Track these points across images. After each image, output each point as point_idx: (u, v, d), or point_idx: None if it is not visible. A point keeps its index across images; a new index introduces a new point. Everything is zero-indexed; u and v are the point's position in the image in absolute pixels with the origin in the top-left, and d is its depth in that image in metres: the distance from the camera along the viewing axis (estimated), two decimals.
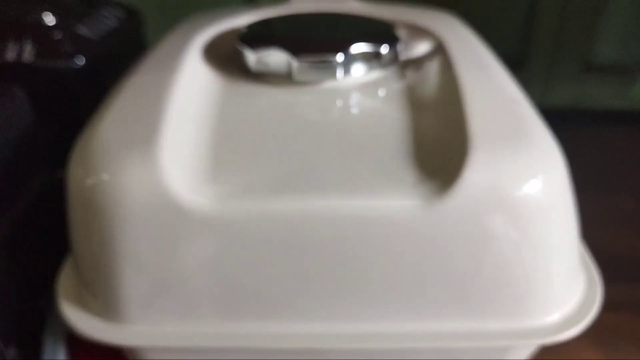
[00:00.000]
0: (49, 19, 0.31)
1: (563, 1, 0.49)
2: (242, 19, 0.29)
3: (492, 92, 0.22)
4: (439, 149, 0.20)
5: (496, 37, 0.51)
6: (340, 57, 0.23)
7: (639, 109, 0.55)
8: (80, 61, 0.30)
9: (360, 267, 0.19)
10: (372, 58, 0.24)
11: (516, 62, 0.53)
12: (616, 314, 0.34)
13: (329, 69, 0.23)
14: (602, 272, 0.23)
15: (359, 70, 0.24)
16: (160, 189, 0.18)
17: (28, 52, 0.29)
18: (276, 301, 0.20)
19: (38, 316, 0.26)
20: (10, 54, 0.29)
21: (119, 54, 0.34)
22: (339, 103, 0.24)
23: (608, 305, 0.33)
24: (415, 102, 0.23)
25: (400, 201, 0.18)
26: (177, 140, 0.20)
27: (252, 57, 0.24)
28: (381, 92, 0.25)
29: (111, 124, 0.21)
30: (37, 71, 0.29)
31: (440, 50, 0.26)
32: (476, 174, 0.18)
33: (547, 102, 0.55)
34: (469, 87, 0.22)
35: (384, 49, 0.24)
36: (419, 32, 0.28)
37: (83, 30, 0.32)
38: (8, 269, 0.24)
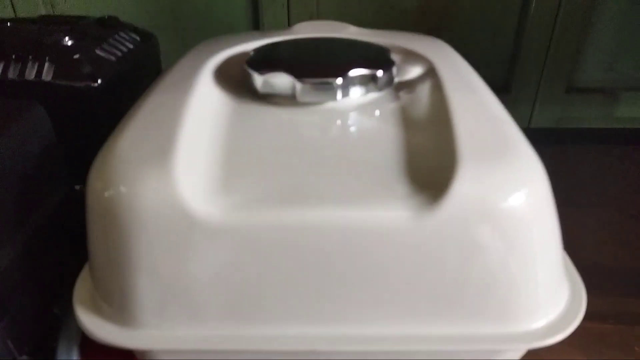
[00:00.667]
0: (68, 41, 0.33)
1: (549, 28, 0.51)
2: (250, 44, 0.31)
3: (478, 111, 0.24)
4: (429, 164, 0.22)
5: (485, 61, 0.53)
6: (339, 80, 0.25)
7: (621, 129, 0.57)
8: (97, 81, 0.32)
9: (357, 273, 0.21)
10: (369, 81, 0.26)
11: (504, 85, 0.55)
12: (603, 325, 0.35)
13: (330, 90, 0.25)
14: (589, 284, 0.24)
15: (357, 92, 0.26)
16: (174, 200, 0.20)
17: (47, 72, 0.31)
18: (280, 306, 0.21)
19: (52, 323, 0.28)
20: (31, 74, 0.31)
21: (135, 74, 0.35)
22: (339, 122, 0.26)
23: (595, 316, 0.34)
24: (408, 121, 0.25)
25: (393, 212, 0.20)
26: (190, 155, 0.22)
27: (258, 80, 0.26)
28: (377, 112, 0.26)
29: (129, 140, 0.22)
30: (56, 90, 0.31)
31: (431, 73, 0.28)
32: (464, 187, 0.20)
33: (534, 122, 0.56)
34: (457, 107, 0.24)
35: (380, 73, 0.26)
36: (412, 56, 0.30)
37: (100, 52, 0.33)
38: (25, 277, 0.25)
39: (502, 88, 0.55)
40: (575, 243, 0.25)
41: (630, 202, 0.47)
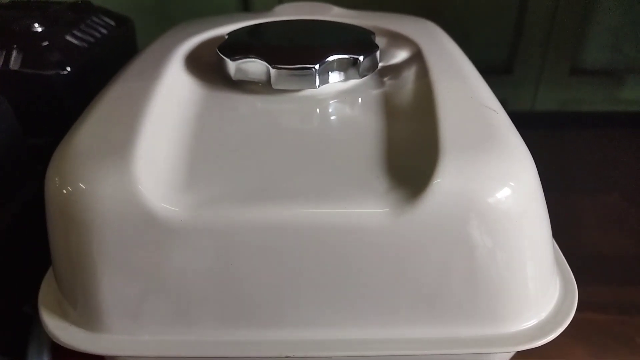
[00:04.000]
0: (38, 27, 0.31)
1: (552, 7, 0.49)
2: (227, 27, 0.29)
3: (465, 99, 0.22)
4: (411, 156, 0.20)
5: (486, 42, 0.51)
6: (317, 66, 0.23)
7: (626, 112, 0.55)
8: (66, 69, 0.30)
9: (333, 274, 0.20)
10: (350, 66, 0.24)
11: (506, 66, 0.53)
12: (605, 315, 0.34)
13: (307, 77, 0.23)
14: (590, 273, 0.23)
15: (336, 78, 0.24)
16: (134, 198, 0.19)
17: (15, 60, 0.30)
18: (250, 309, 0.20)
19: (23, 322, 0.27)
20: None
21: (109, 61, 0.34)
22: (317, 111, 0.24)
23: (597, 306, 0.33)
24: (391, 109, 0.24)
25: (371, 209, 0.19)
26: (154, 149, 0.20)
27: (231, 66, 0.24)
28: (358, 100, 0.25)
29: (88, 133, 0.21)
30: (24, 79, 0.30)
31: (417, 57, 0.26)
32: (446, 180, 0.18)
33: (537, 105, 0.55)
34: (443, 94, 0.22)
35: (362, 57, 0.24)
36: (398, 39, 0.28)
37: (71, 38, 0.32)
38: None
39: (504, 69, 0.53)
40: (577, 230, 0.24)
41: (634, 188, 0.45)
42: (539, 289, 0.21)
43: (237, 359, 0.21)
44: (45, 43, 0.30)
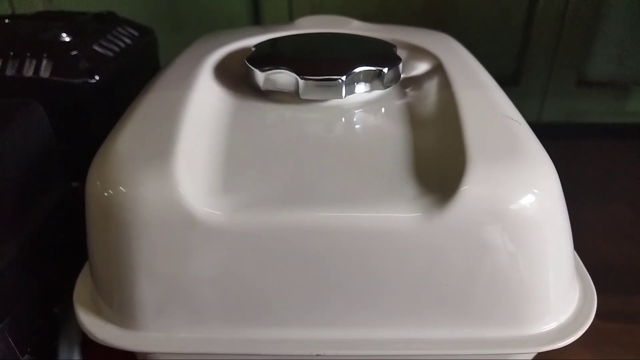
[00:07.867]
0: (66, 37, 0.32)
1: (558, 19, 0.50)
2: (251, 39, 0.30)
3: (488, 109, 0.23)
4: (438, 163, 0.21)
5: (493, 54, 0.53)
6: (344, 77, 0.24)
7: (632, 123, 0.56)
8: (95, 77, 0.31)
9: (363, 276, 0.20)
10: (374, 78, 0.25)
11: (513, 78, 0.54)
12: (613, 324, 0.35)
13: (334, 87, 0.24)
14: (598, 282, 0.24)
15: (362, 89, 0.25)
16: (175, 200, 0.19)
17: (45, 69, 0.31)
18: (285, 309, 0.21)
19: (53, 324, 0.27)
20: (28, 70, 0.31)
21: (133, 70, 0.35)
22: (343, 120, 0.25)
23: (605, 315, 0.34)
24: (415, 119, 0.25)
25: (400, 213, 0.19)
26: (191, 154, 0.21)
27: (260, 76, 0.25)
28: (383, 110, 0.26)
29: (128, 139, 0.22)
30: (53, 87, 0.31)
31: (438, 69, 0.27)
32: (473, 187, 0.19)
33: (544, 116, 0.56)
34: (466, 104, 0.23)
35: (386, 69, 0.25)
36: (419, 52, 0.29)
37: (98, 47, 0.33)
38: (24, 277, 0.25)
39: (511, 80, 0.54)
40: (584, 240, 0.25)
41: None
42: (560, 294, 0.22)
43: (273, 356, 0.21)
44: (74, 52, 0.31)
